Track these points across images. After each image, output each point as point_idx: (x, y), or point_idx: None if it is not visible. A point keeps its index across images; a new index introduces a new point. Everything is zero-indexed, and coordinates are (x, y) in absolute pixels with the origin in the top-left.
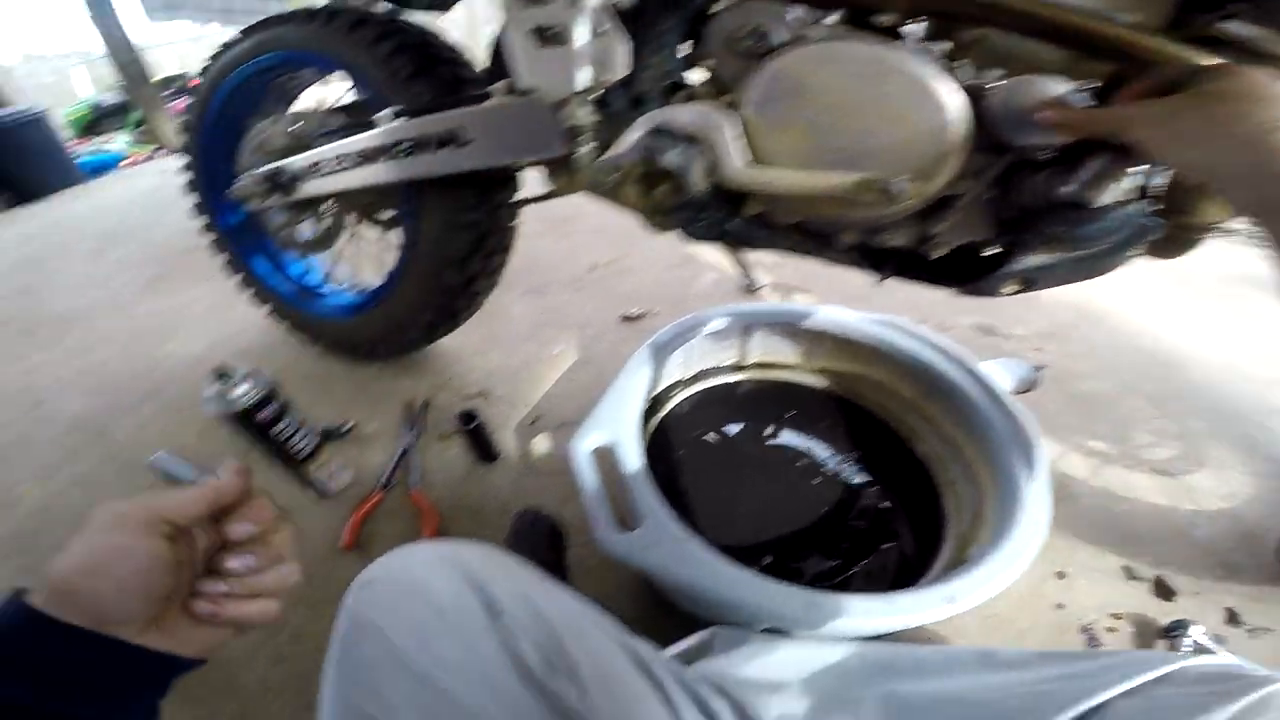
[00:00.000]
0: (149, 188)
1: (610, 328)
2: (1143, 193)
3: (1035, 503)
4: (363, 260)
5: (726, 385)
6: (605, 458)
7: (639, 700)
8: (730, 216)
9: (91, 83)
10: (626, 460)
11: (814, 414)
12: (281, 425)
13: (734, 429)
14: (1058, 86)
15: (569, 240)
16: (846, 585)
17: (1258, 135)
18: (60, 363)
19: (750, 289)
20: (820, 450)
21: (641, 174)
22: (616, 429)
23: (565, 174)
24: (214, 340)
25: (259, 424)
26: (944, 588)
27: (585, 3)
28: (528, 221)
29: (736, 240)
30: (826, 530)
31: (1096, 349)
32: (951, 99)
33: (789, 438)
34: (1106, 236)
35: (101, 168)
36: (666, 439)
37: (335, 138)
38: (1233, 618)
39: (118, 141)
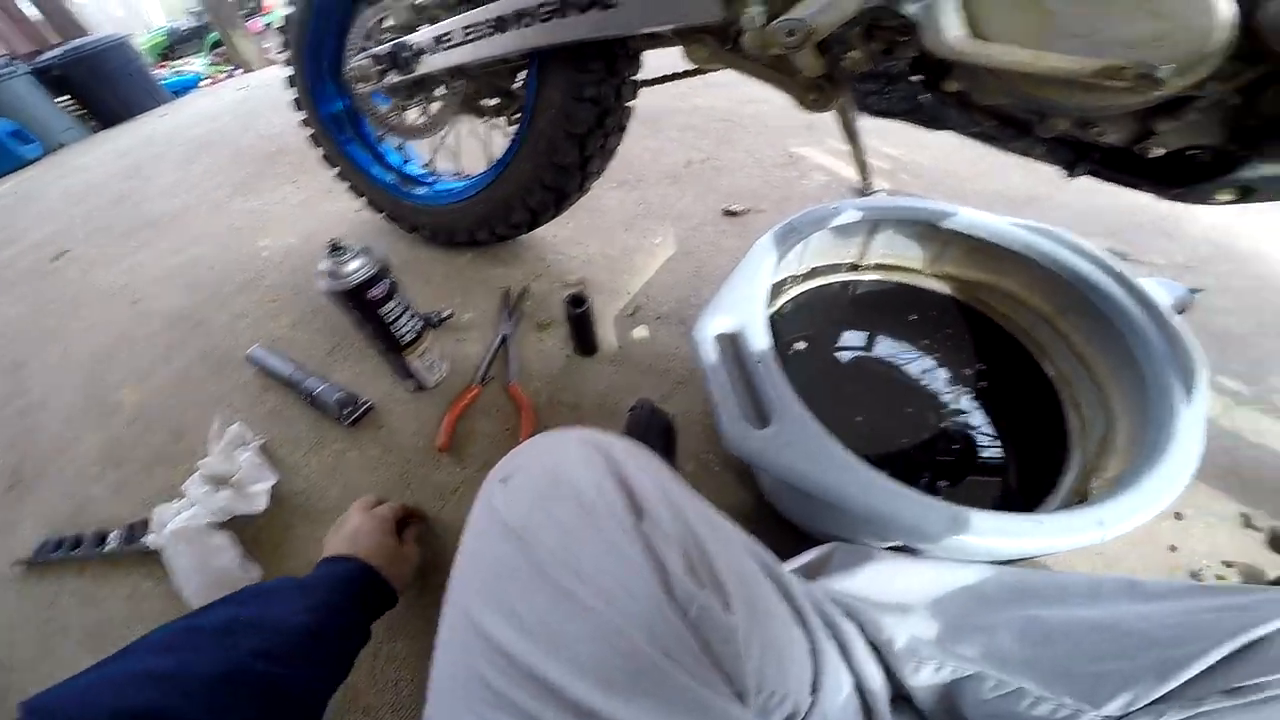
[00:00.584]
0: (233, 101)
1: (711, 220)
2: None
3: (1190, 430)
4: (461, 151)
5: (839, 284)
6: (730, 346)
7: (776, 618)
8: (925, 90)
9: (163, 10)
10: (756, 348)
11: (933, 322)
12: (391, 305)
13: (841, 335)
14: None
15: (658, 137)
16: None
17: None
18: (156, 262)
19: (865, 192)
20: (934, 363)
21: (846, 34)
22: (744, 314)
23: (707, 47)
24: (306, 233)
25: (369, 301)
26: (1094, 510)
27: None
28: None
29: (926, 118)
30: (933, 449)
31: (1236, 287)
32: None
33: (900, 347)
34: None
35: (183, 89)
36: (778, 330)
37: (463, 8)
38: None
39: (196, 64)
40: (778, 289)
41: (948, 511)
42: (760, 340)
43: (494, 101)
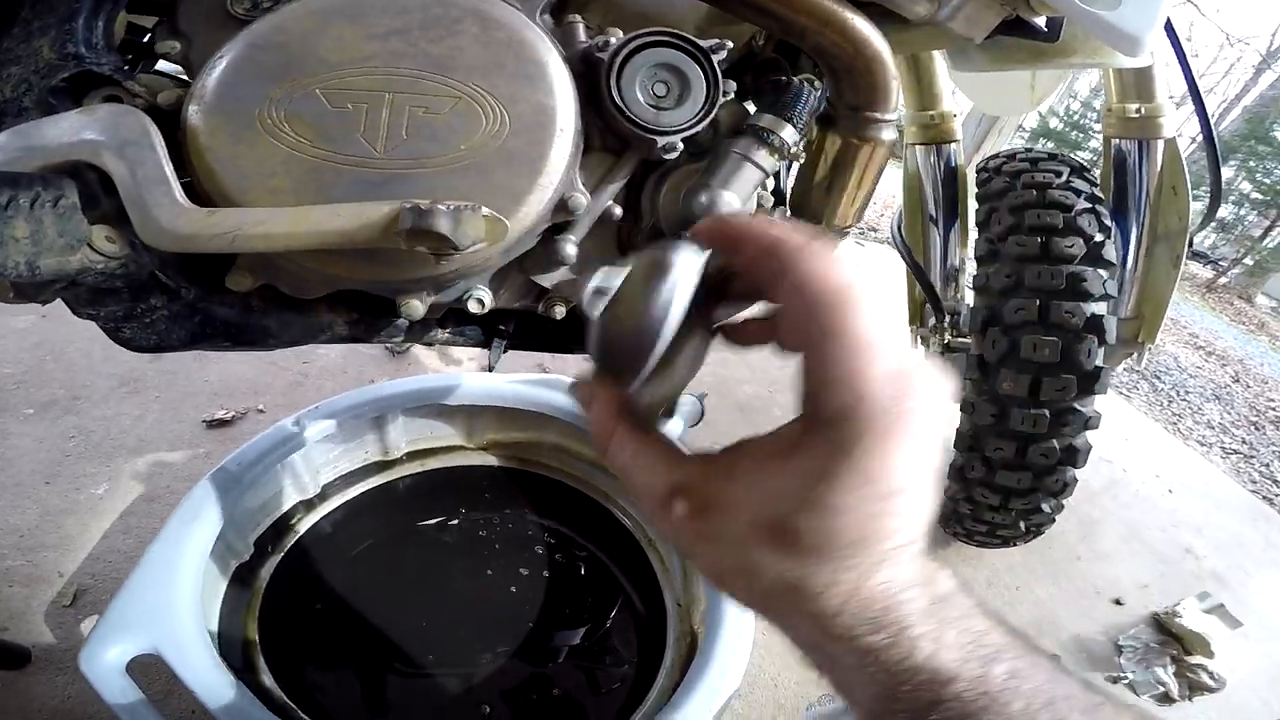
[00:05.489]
0: None
1: (186, 441)
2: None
3: None
4: None
5: (376, 489)
6: (152, 665)
7: None
8: (211, 300)
9: None
10: (182, 659)
11: (495, 495)
12: None
13: (406, 532)
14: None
15: None
16: (601, 658)
17: None
18: None
19: (397, 351)
20: (515, 532)
21: None
22: (163, 624)
23: None
24: None
25: None
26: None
27: None
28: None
29: (234, 337)
30: (552, 612)
31: (749, 358)
32: (557, 64)
33: (473, 528)
34: None
35: None
36: (312, 569)
37: None
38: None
39: None
40: (289, 521)
41: None
42: (195, 655)
43: None
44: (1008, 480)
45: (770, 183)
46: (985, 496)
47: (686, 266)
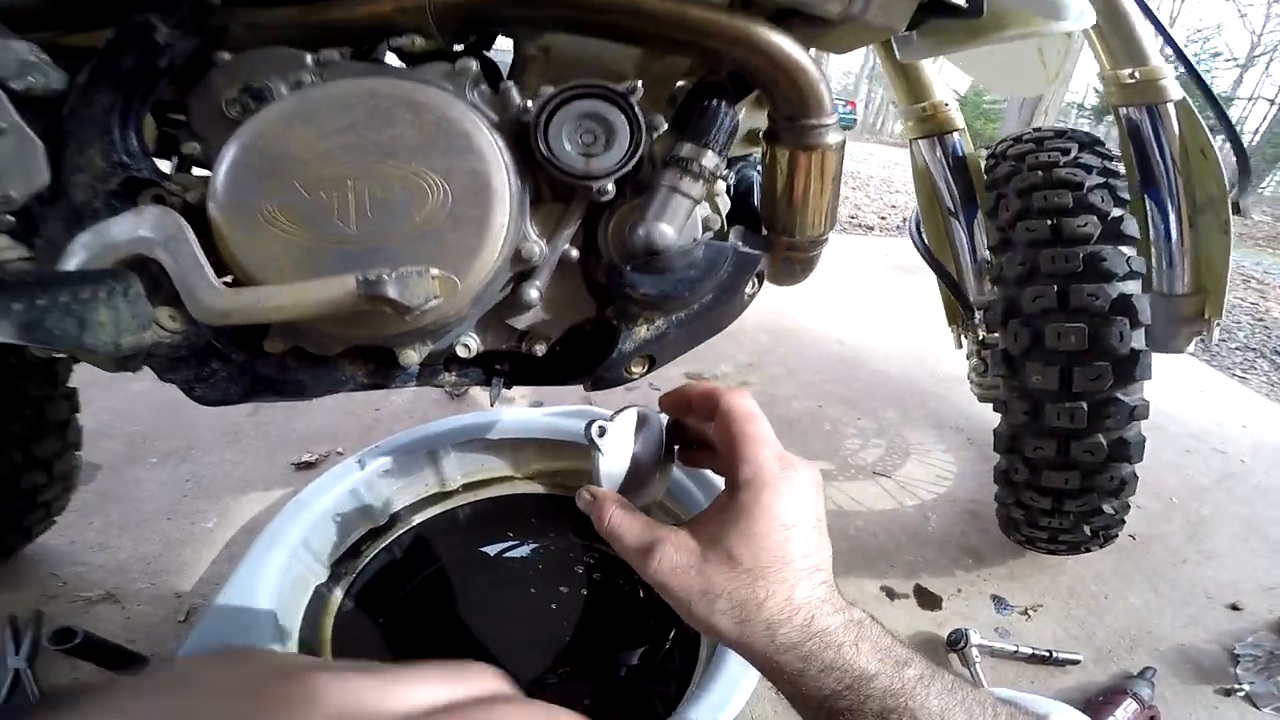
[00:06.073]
0: None
1: (279, 481)
2: (723, 228)
3: None
4: None
5: (439, 516)
6: None
7: None
8: (255, 361)
9: None
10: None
11: (542, 520)
12: None
13: (465, 558)
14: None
15: None
16: (661, 679)
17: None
18: None
19: (456, 394)
20: (560, 556)
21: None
22: (246, 624)
23: None
24: None
25: None
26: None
27: None
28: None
29: (278, 390)
30: (608, 632)
31: (795, 370)
32: (482, 133)
33: (524, 551)
34: (701, 284)
35: None
36: (381, 589)
37: None
38: (1001, 604)
39: None
40: (355, 551)
41: None
42: (269, 645)
43: None
44: (1054, 481)
45: (724, 202)
46: (1035, 500)
47: (653, 428)
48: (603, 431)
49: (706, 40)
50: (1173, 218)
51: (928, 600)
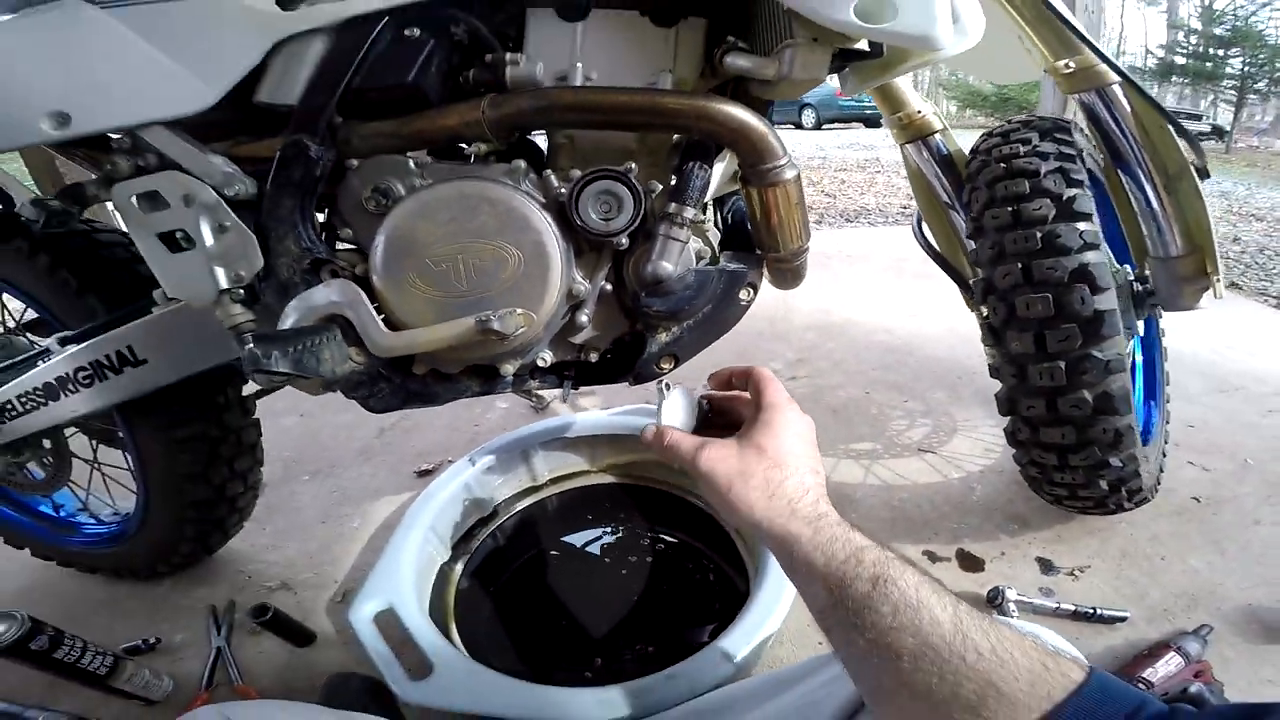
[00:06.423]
0: None
1: (407, 485)
2: (714, 254)
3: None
4: (114, 481)
5: (532, 506)
6: (388, 620)
7: None
8: (407, 380)
9: None
10: (407, 618)
11: (614, 507)
12: (63, 650)
13: (555, 542)
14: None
15: (352, 410)
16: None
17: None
18: None
19: (539, 407)
20: (632, 538)
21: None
22: (392, 592)
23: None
24: None
25: (37, 653)
26: (718, 647)
27: (199, 201)
28: (294, 398)
29: (422, 400)
30: (675, 604)
31: (841, 361)
32: (535, 214)
33: (601, 535)
34: (698, 299)
35: None
36: (492, 572)
37: (23, 368)
38: (1047, 566)
39: None
40: (469, 536)
41: (593, 696)
42: (409, 610)
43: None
44: (1052, 437)
45: (714, 235)
46: (1043, 456)
47: (695, 402)
48: (669, 387)
49: (678, 120)
50: (1148, 188)
51: (970, 563)
